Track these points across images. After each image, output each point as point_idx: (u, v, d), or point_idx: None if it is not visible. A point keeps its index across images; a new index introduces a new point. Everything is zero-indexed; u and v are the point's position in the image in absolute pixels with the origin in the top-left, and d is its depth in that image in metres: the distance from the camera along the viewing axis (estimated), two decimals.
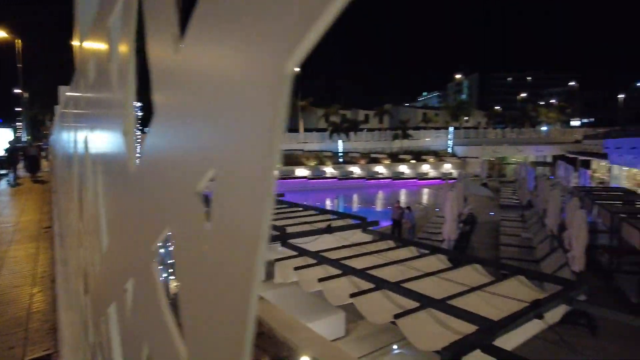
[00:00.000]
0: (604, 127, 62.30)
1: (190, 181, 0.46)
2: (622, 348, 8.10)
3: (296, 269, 5.35)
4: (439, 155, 47.73)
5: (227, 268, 0.37)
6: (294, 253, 5.89)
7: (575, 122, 75.72)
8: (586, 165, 42.70)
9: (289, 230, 6.60)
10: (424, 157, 46.07)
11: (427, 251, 5.88)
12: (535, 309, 3.73)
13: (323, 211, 8.38)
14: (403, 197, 32.99)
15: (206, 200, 0.43)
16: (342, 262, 5.34)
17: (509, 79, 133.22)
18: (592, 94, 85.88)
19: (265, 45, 0.32)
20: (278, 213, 8.32)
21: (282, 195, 10.38)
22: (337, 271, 5.08)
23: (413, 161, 44.60)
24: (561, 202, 14.50)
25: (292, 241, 6.24)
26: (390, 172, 42.25)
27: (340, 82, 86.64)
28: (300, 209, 8.77)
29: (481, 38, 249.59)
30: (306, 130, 47.55)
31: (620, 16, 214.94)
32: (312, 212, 8.36)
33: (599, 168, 41.45)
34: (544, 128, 67.82)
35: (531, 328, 3.80)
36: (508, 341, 3.56)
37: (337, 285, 4.87)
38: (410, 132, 48.95)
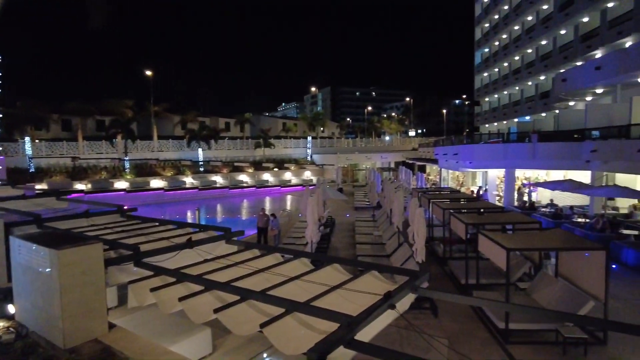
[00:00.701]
0: (433, 136, 73.24)
1: None
2: (458, 324, 9.55)
3: (153, 289, 4.88)
4: (300, 163, 49.71)
5: None
6: (150, 273, 5.38)
7: (411, 132, 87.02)
8: (422, 169, 49.49)
9: (144, 248, 6.01)
10: (286, 165, 47.40)
11: (291, 256, 5.99)
12: (388, 300, 4.07)
13: (182, 225, 7.86)
14: (268, 204, 33.33)
15: None
16: (205, 277, 5.08)
17: (357, 93, 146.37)
18: (423, 108, 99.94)
19: None
20: (130, 230, 7.52)
21: (134, 209, 9.43)
22: (199, 287, 4.80)
23: (276, 169, 45.48)
24: (404, 202, 16.44)
25: (147, 260, 5.69)
26: (254, 181, 42.26)
27: (199, 89, 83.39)
28: (157, 223, 8.08)
29: (333, 53, 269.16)
30: (161, 138, 44.46)
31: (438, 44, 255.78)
32: (170, 226, 7.77)
33: (432, 171, 48.44)
34: (387, 137, 76.39)
35: (385, 317, 4.15)
36: (367, 333, 3.83)
37: (200, 302, 4.60)
38: (272, 140, 49.87)
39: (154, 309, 5.55)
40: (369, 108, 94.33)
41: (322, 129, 66.48)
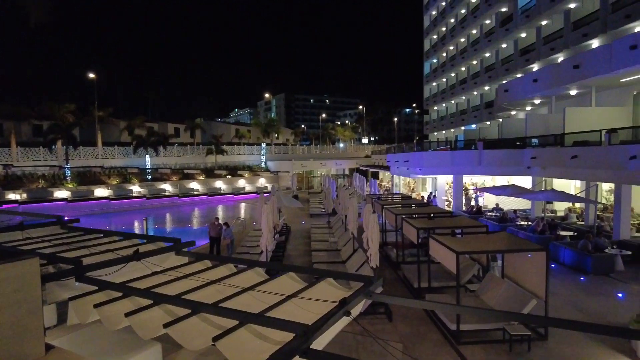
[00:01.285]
0: (385, 144, 75.19)
1: None
2: (412, 327, 9.74)
3: (97, 305, 4.58)
4: (254, 170, 49.14)
5: None
6: (94, 288, 5.04)
7: (365, 140, 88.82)
8: (375, 176, 50.56)
9: (87, 261, 5.63)
10: (239, 172, 46.64)
11: (244, 266, 5.85)
12: (343, 307, 4.07)
13: (129, 236, 7.46)
14: (221, 213, 32.57)
15: None
16: (154, 290, 4.83)
17: (311, 100, 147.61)
18: (375, 116, 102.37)
19: None
20: (71, 242, 7.04)
21: (76, 220, 8.85)
22: (147, 301, 4.56)
23: (229, 176, 44.62)
24: (358, 208, 16.66)
25: (90, 274, 5.34)
26: (205, 188, 41.20)
27: (147, 94, 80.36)
28: (101, 235, 7.62)
29: (287, 60, 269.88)
30: (106, 144, 42.35)
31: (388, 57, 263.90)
32: (116, 237, 7.36)
33: (385, 178, 49.59)
34: (341, 145, 77.47)
35: (340, 324, 4.14)
36: (322, 341, 3.80)
37: (149, 316, 4.37)
38: (225, 147, 48.94)
39: (98, 326, 5.21)
40: (323, 115, 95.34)
41: (276, 135, 66.26)
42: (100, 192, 34.80)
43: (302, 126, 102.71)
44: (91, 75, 39.24)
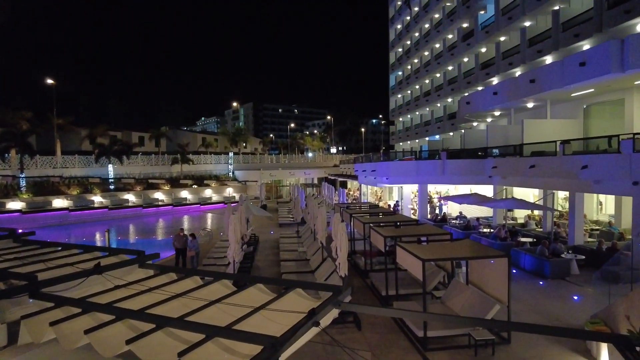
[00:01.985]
0: (353, 153, 76.05)
1: None
2: (381, 335, 9.81)
3: (53, 323, 4.35)
4: (221, 180, 48.41)
5: None
6: (50, 304, 4.80)
7: (333, 149, 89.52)
8: (344, 185, 50.95)
9: (42, 276, 5.35)
10: (206, 181, 45.81)
11: (211, 278, 5.73)
12: (312, 318, 4.05)
13: (90, 248, 7.16)
14: (186, 223, 31.81)
15: None
16: (116, 305, 4.65)
17: (280, 110, 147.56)
18: (343, 126, 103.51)
19: None
20: (25, 257, 6.67)
21: (31, 233, 8.41)
22: (109, 317, 4.38)
23: (195, 186, 43.73)
24: (327, 217, 16.71)
25: (46, 290, 5.07)
26: (170, 199, 40.18)
27: (110, 102, 77.93)
28: (59, 248, 7.27)
29: (255, 70, 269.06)
30: (66, 153, 40.62)
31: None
32: (75, 250, 7.04)
33: (353, 187, 50.04)
34: (310, 154, 77.72)
35: (310, 335, 4.12)
36: (291, 352, 3.77)
37: (111, 333, 4.19)
38: (191, 156, 48.01)
39: (54, 345, 4.94)
40: (292, 125, 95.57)
41: (244, 144, 65.69)
42: (59, 202, 33.27)
43: (271, 135, 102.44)
44: (50, 81, 37.68)
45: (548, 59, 24.73)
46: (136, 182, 40.17)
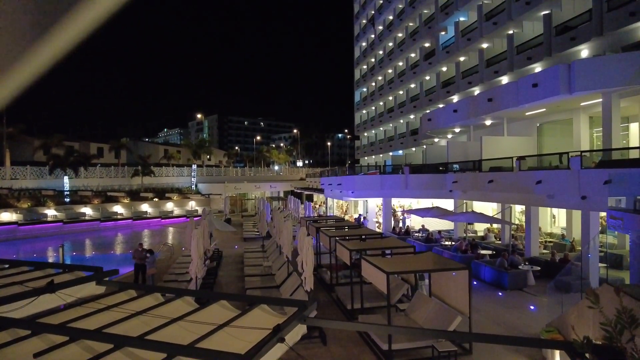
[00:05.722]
0: (319, 167, 76.48)
1: None
2: (346, 349, 9.79)
3: None
4: (183, 193, 47.25)
5: None
6: None
7: (299, 163, 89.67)
8: (310, 198, 50.97)
9: None
10: (167, 194, 44.55)
11: (172, 295, 5.56)
12: (277, 334, 4.01)
13: (42, 265, 6.77)
14: (146, 238, 30.71)
15: None
16: (70, 325, 4.41)
17: (246, 122, 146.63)
18: (309, 140, 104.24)
19: None
20: None
21: None
22: (62, 338, 4.14)
23: (156, 199, 42.42)
24: (293, 231, 16.63)
25: None
26: (130, 212, 38.74)
27: (66, 112, 74.80)
28: (6, 265, 6.82)
29: (220, 82, 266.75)
30: (16, 163, 38.47)
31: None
32: (25, 268, 6.63)
33: (319, 200, 50.15)
34: (276, 167, 77.46)
35: (275, 351, 4.06)
36: None
37: (63, 355, 3.96)
38: (153, 168, 46.66)
39: None
40: (258, 138, 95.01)
41: (208, 157, 64.57)
42: (7, 216, 31.32)
43: (237, 148, 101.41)
44: None
45: (504, 79, 26.06)
46: (94, 195, 38.52)
